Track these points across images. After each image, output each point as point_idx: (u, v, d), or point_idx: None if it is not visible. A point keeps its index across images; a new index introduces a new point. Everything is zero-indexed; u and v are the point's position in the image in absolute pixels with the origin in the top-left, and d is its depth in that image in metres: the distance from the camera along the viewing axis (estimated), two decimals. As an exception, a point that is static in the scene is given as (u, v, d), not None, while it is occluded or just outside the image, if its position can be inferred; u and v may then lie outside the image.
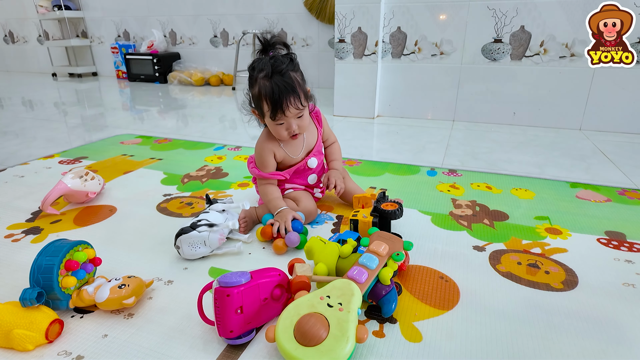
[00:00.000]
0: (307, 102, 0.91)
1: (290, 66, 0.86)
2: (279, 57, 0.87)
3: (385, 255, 0.67)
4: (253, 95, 0.90)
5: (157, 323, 0.65)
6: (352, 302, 0.57)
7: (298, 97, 0.85)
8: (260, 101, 0.87)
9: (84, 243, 0.71)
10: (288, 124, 0.88)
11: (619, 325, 0.64)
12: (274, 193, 0.96)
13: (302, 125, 0.90)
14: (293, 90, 0.85)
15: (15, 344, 0.59)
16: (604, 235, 0.92)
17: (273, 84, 0.84)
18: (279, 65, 0.85)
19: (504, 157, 1.51)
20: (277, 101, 0.84)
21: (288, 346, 0.53)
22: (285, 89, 0.84)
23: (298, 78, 0.87)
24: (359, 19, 2.07)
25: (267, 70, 0.85)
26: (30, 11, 4.20)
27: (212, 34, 3.56)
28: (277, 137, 0.93)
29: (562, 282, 0.75)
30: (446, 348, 0.60)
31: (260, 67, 0.86)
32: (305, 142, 0.99)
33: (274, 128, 0.90)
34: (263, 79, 0.85)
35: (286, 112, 0.85)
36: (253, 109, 0.94)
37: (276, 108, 0.85)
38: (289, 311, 0.58)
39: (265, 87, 0.85)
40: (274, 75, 0.84)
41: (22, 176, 1.31)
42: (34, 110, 2.48)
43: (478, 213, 1.04)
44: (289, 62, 0.86)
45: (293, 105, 0.85)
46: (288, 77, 0.85)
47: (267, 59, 0.86)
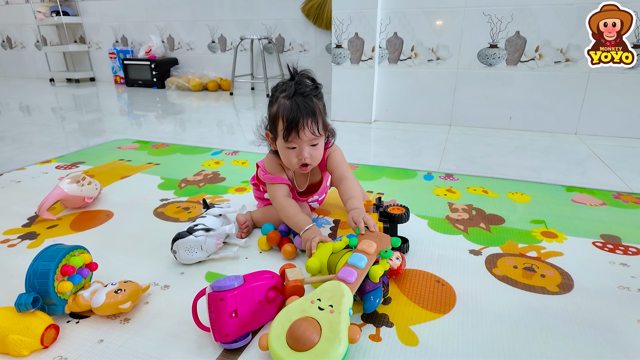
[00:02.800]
0: (324, 134, 0.87)
1: (314, 92, 0.84)
2: (304, 82, 0.85)
3: (373, 254, 0.67)
4: (270, 114, 0.86)
5: (154, 328, 0.65)
6: (342, 303, 0.57)
7: (316, 122, 0.82)
8: (277, 119, 0.83)
9: (80, 248, 0.71)
10: (300, 150, 0.83)
11: (615, 328, 0.64)
12: (294, 207, 0.87)
13: (315, 155, 0.85)
14: (312, 114, 0.81)
15: (11, 349, 0.58)
16: (600, 238, 0.93)
17: (293, 102, 0.81)
18: (303, 88, 0.83)
19: (500, 162, 1.52)
20: (294, 120, 0.80)
21: (281, 353, 0.53)
22: (305, 109, 0.80)
23: (320, 106, 0.85)
24: (355, 25, 2.08)
25: (289, 91, 0.82)
26: (28, 17, 4.22)
27: (210, 39, 3.58)
28: (286, 164, 0.87)
29: (558, 285, 0.75)
30: (442, 352, 0.60)
31: (284, 87, 0.84)
32: (310, 176, 0.96)
33: (284, 152, 0.85)
34: (284, 98, 0.82)
35: (300, 133, 0.80)
36: (267, 131, 0.89)
37: (291, 127, 0.80)
38: (281, 318, 0.57)
39: (285, 105, 0.81)
40: (295, 95, 0.81)
41: (18, 181, 1.31)
42: (31, 115, 2.48)
43: (474, 217, 1.04)
44: (313, 88, 0.84)
45: (309, 128, 0.81)
46: (310, 101, 0.82)
47: (292, 82, 0.84)
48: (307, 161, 0.84)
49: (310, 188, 0.99)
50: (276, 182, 0.89)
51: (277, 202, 0.89)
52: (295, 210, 0.87)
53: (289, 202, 0.88)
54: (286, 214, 0.87)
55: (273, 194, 0.90)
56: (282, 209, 0.87)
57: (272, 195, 0.90)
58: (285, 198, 0.89)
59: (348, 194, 0.89)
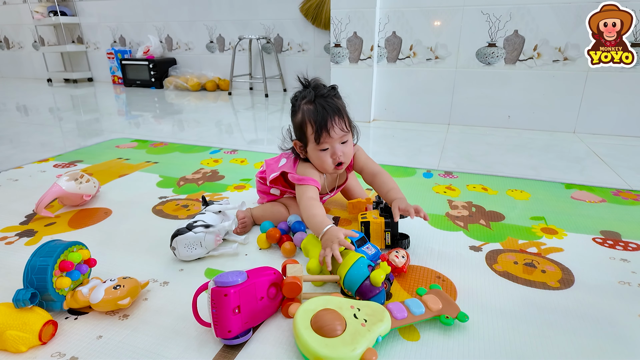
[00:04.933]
0: (351, 130, 0.88)
1: (333, 92, 0.86)
2: (320, 85, 0.86)
3: (434, 312, 0.63)
4: (295, 124, 0.87)
5: (153, 324, 0.65)
6: (376, 325, 0.57)
7: (343, 118, 0.84)
8: (304, 126, 0.84)
9: (79, 244, 0.70)
10: (333, 149, 0.84)
11: (616, 323, 0.64)
12: (318, 208, 0.83)
13: (347, 152, 0.86)
14: (338, 112, 0.83)
15: (8, 345, 0.58)
16: (599, 234, 0.93)
17: (317, 105, 0.82)
18: (321, 90, 0.84)
19: (500, 160, 1.52)
20: (322, 121, 0.81)
21: (301, 325, 0.56)
22: (330, 109, 0.82)
23: (343, 104, 0.86)
24: (354, 24, 2.08)
25: (309, 96, 0.84)
26: (25, 17, 4.20)
27: (208, 39, 3.57)
28: (321, 168, 0.88)
29: (559, 280, 0.75)
30: (443, 346, 0.60)
31: (303, 95, 0.85)
32: (339, 178, 0.97)
33: (317, 156, 0.86)
34: (306, 104, 0.84)
35: (331, 132, 0.82)
36: (295, 140, 0.90)
37: (321, 128, 0.82)
38: (318, 300, 0.61)
39: (309, 110, 0.83)
40: (317, 98, 0.83)
41: (16, 180, 1.30)
42: (28, 115, 2.47)
43: (474, 214, 1.04)
44: (331, 89, 0.86)
45: (338, 125, 0.82)
46: (332, 100, 0.84)
47: (309, 88, 0.86)
48: (341, 159, 0.85)
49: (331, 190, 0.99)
50: (306, 183, 0.87)
51: (303, 202, 0.85)
52: (320, 211, 0.83)
53: (315, 204, 0.84)
54: (309, 213, 0.82)
55: (302, 193, 0.87)
56: (307, 208, 0.83)
57: (300, 194, 0.87)
58: (312, 199, 0.85)
59: (387, 187, 0.91)
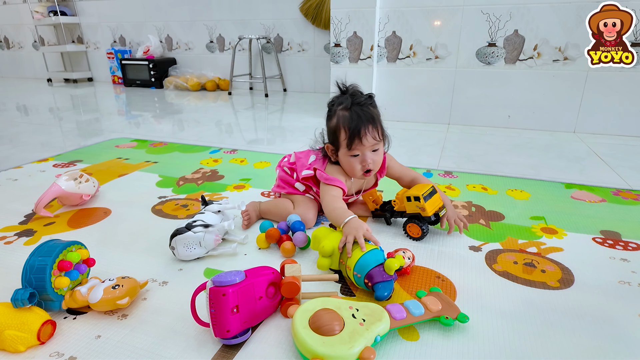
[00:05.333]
0: (383, 140, 0.90)
1: (369, 101, 0.88)
2: (358, 93, 0.89)
3: (434, 313, 0.63)
4: (329, 128, 0.90)
5: (152, 324, 0.64)
6: (375, 324, 0.57)
7: (376, 128, 0.85)
8: (338, 131, 0.87)
9: (78, 243, 0.70)
10: (363, 156, 0.86)
11: (616, 323, 0.64)
12: (340, 202, 0.88)
13: (377, 161, 0.88)
14: (372, 120, 0.85)
15: (7, 345, 0.58)
16: (599, 234, 0.93)
17: (352, 112, 0.85)
18: (359, 98, 0.87)
19: (500, 159, 1.52)
20: (356, 128, 0.83)
21: (300, 324, 0.57)
22: (364, 117, 0.84)
23: (377, 114, 0.88)
24: (354, 24, 2.08)
25: (347, 102, 0.86)
26: (25, 17, 4.20)
27: (208, 39, 3.57)
28: (350, 173, 0.90)
29: (559, 280, 0.75)
30: (443, 346, 0.59)
31: (340, 101, 0.88)
32: (366, 183, 0.98)
33: (347, 161, 0.88)
34: (342, 110, 0.86)
35: (363, 140, 0.84)
36: (327, 144, 0.92)
37: (354, 135, 0.84)
38: (317, 301, 0.61)
39: (344, 116, 0.86)
40: (353, 105, 0.86)
41: (15, 179, 1.30)
42: (28, 115, 2.47)
43: (474, 213, 1.04)
44: (368, 97, 0.88)
45: (370, 134, 0.84)
46: (367, 108, 0.86)
47: (347, 95, 0.88)
48: (370, 167, 0.87)
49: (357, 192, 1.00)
50: (333, 183, 0.90)
51: (327, 197, 0.89)
52: (342, 205, 0.87)
53: (338, 199, 0.88)
54: (332, 206, 0.86)
55: (327, 191, 0.90)
56: (330, 202, 0.87)
57: (325, 192, 0.91)
58: (336, 196, 0.89)
59: None
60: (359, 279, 0.70)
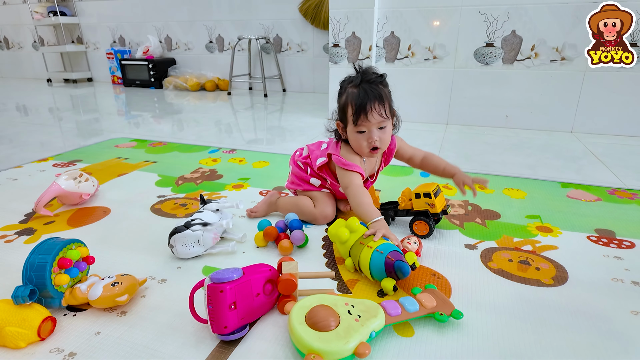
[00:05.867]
0: (391, 118, 0.91)
1: (379, 79, 0.89)
2: (369, 71, 0.90)
3: (428, 310, 0.64)
4: (339, 105, 0.92)
5: (150, 321, 0.65)
6: (370, 321, 0.58)
7: (383, 105, 0.86)
8: (346, 107, 0.89)
9: (77, 241, 0.71)
10: (369, 133, 0.88)
11: (608, 319, 0.65)
12: (364, 197, 0.88)
13: (384, 138, 0.89)
14: (380, 98, 0.86)
15: (7, 341, 0.58)
16: (594, 232, 0.94)
17: (360, 89, 0.87)
18: (369, 76, 0.88)
19: (497, 159, 1.53)
20: (362, 104, 0.85)
21: (296, 321, 0.58)
22: (372, 94, 0.85)
23: (386, 92, 0.89)
24: (353, 24, 2.09)
25: (356, 80, 0.88)
26: (25, 17, 4.21)
27: (207, 39, 3.58)
28: (357, 150, 0.92)
29: (553, 278, 0.76)
30: (437, 343, 0.60)
31: (351, 79, 0.90)
32: (375, 166, 0.99)
33: (354, 137, 0.90)
34: (351, 87, 0.88)
35: (369, 116, 0.85)
36: (337, 121, 0.94)
37: (359, 111, 0.85)
38: (313, 297, 0.62)
39: (353, 93, 0.87)
40: (362, 83, 0.87)
41: (15, 179, 1.31)
42: (28, 115, 2.48)
43: (470, 212, 1.05)
44: (378, 76, 0.89)
45: (377, 110, 0.85)
46: (376, 86, 0.87)
47: (358, 74, 0.90)
48: (376, 144, 0.88)
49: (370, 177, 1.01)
50: (352, 169, 0.92)
51: (352, 189, 0.90)
52: (369, 200, 0.88)
53: (364, 191, 0.90)
54: (359, 201, 0.88)
55: (349, 180, 0.92)
56: (356, 196, 0.89)
57: (348, 181, 0.92)
58: (361, 187, 0.91)
59: (442, 164, 0.99)
60: (381, 255, 0.71)
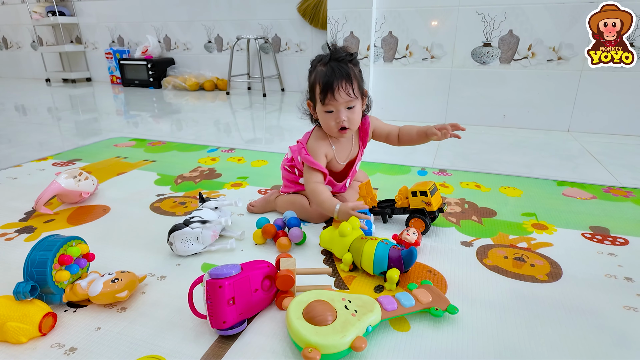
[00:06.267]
0: (361, 98, 0.90)
1: (349, 57, 0.87)
2: (340, 49, 0.88)
3: (424, 305, 0.65)
4: (309, 84, 0.91)
5: (150, 316, 0.66)
6: (366, 315, 0.59)
7: (351, 84, 0.85)
8: (314, 86, 0.88)
9: (78, 238, 0.72)
10: (337, 113, 0.87)
11: (601, 314, 0.66)
12: (325, 192, 0.91)
13: (352, 119, 0.89)
14: (347, 76, 0.85)
15: (9, 336, 0.59)
16: (589, 230, 0.95)
17: (328, 67, 0.85)
18: (339, 54, 0.87)
19: (494, 158, 1.54)
20: (329, 82, 0.84)
21: (294, 315, 0.59)
22: (339, 72, 0.84)
23: (355, 71, 0.88)
24: (351, 24, 2.10)
25: (325, 59, 0.87)
26: (24, 17, 4.21)
27: (206, 39, 3.59)
28: (326, 129, 0.92)
29: (547, 274, 0.77)
30: (433, 337, 0.61)
31: (320, 57, 0.89)
32: (352, 148, 0.99)
33: (323, 117, 0.90)
34: (320, 65, 0.87)
35: (336, 94, 0.85)
36: (308, 101, 0.94)
37: (326, 89, 0.85)
38: (310, 293, 0.63)
39: (321, 71, 0.86)
40: (331, 61, 0.86)
41: (15, 178, 1.32)
42: (27, 115, 2.48)
43: (466, 210, 1.06)
44: (348, 54, 0.88)
45: (344, 89, 0.85)
46: (345, 64, 0.86)
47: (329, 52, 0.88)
48: (345, 124, 0.88)
49: (347, 168, 1.01)
50: (314, 167, 0.92)
51: (309, 186, 0.93)
52: (326, 195, 0.91)
53: (321, 187, 0.92)
54: (318, 199, 0.91)
55: (308, 178, 0.93)
56: (314, 192, 0.91)
57: (306, 179, 0.94)
58: (318, 184, 0.93)
59: (413, 130, 1.00)
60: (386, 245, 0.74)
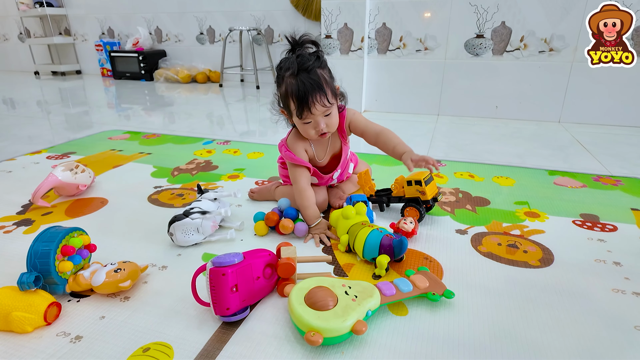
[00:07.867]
0: (335, 100, 0.89)
1: (317, 63, 0.86)
2: (305, 54, 0.86)
3: (421, 290, 0.67)
4: (281, 94, 0.90)
5: (153, 305, 0.67)
6: (366, 300, 0.61)
7: (325, 94, 0.84)
8: (287, 100, 0.87)
9: (79, 230, 0.72)
10: (316, 123, 0.87)
11: (591, 297, 0.69)
12: (310, 199, 0.93)
13: (331, 123, 0.89)
14: (319, 88, 0.83)
15: (15, 326, 0.60)
16: (579, 217, 0.98)
17: (299, 81, 0.83)
18: (305, 63, 0.84)
19: (487, 149, 1.57)
20: (303, 99, 0.83)
21: (295, 301, 0.60)
22: (311, 86, 0.83)
23: (325, 75, 0.87)
24: (345, 15, 2.10)
25: (293, 68, 0.84)
26: (10, 8, 4.12)
27: (198, 31, 3.55)
28: (306, 136, 0.92)
29: (539, 260, 0.79)
30: (430, 320, 0.63)
31: (287, 65, 0.86)
32: (330, 144, 0.98)
33: (302, 127, 0.90)
34: (289, 77, 0.85)
35: (312, 109, 0.84)
36: (282, 108, 0.93)
37: (302, 106, 0.84)
38: (311, 280, 0.65)
39: (292, 85, 0.84)
40: (300, 72, 0.84)
41: (9, 171, 1.31)
42: (15, 108, 2.45)
43: (461, 199, 1.08)
44: (315, 59, 0.86)
45: (319, 102, 0.84)
46: (314, 74, 0.84)
47: (293, 57, 0.86)
48: (324, 130, 0.89)
49: (333, 161, 1.01)
50: (297, 162, 0.94)
51: (297, 187, 0.94)
52: (311, 202, 0.93)
53: (308, 192, 0.93)
54: (302, 204, 0.93)
55: (294, 177, 0.95)
56: (301, 196, 0.93)
57: (293, 178, 0.95)
58: (306, 186, 0.94)
59: (392, 143, 0.95)
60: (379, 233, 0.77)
